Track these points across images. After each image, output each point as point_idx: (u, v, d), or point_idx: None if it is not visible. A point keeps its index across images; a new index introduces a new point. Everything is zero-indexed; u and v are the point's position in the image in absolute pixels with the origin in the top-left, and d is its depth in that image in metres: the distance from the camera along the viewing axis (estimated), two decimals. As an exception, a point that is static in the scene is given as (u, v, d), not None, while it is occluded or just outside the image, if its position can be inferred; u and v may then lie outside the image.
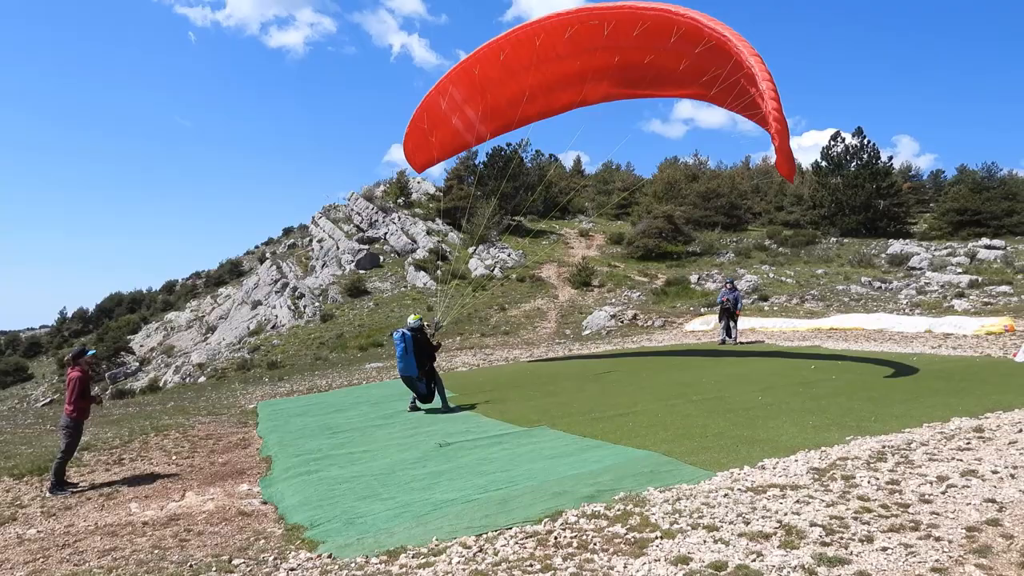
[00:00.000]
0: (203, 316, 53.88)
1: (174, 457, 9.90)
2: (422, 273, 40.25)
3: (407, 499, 6.92)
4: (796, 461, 7.09)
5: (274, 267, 48.85)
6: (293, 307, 37.55)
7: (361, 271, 43.38)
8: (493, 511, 6.28)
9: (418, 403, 12.40)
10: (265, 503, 7.42)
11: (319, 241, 54.01)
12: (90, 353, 8.91)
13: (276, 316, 37.64)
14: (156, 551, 5.91)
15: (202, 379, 28.28)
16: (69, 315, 74.92)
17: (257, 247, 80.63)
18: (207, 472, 8.96)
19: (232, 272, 69.98)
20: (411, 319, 12.56)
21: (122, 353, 45.66)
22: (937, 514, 5.35)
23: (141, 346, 51.51)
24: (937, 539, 4.88)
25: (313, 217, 60.56)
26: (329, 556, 5.48)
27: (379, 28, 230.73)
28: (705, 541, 5.13)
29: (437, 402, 12.41)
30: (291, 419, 12.42)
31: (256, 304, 42.44)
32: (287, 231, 78.91)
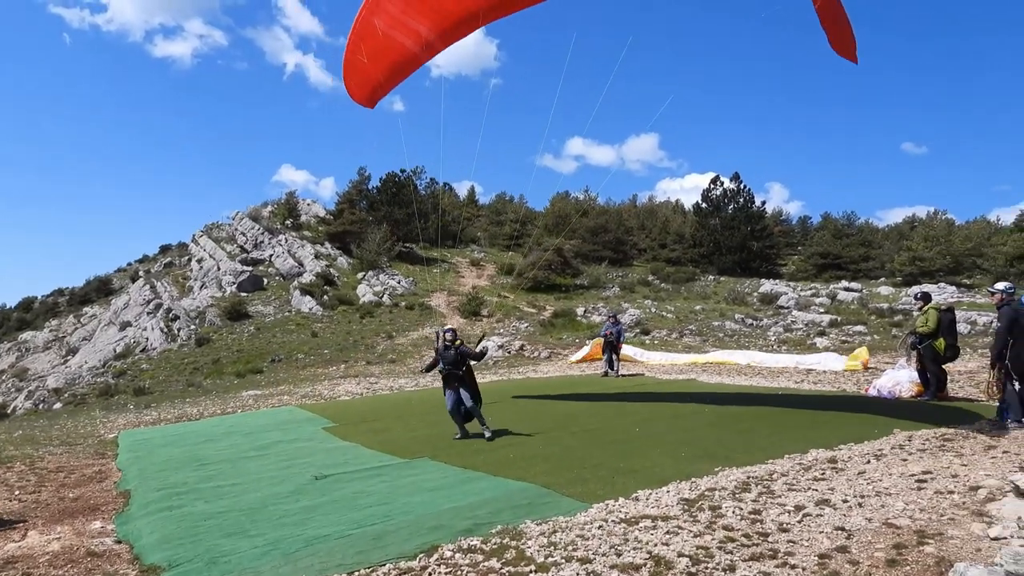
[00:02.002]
0: (64, 337, 50.00)
1: (17, 492, 9.03)
2: (308, 298, 39.13)
3: (277, 536, 6.61)
4: (668, 492, 7.32)
5: (147, 286, 46.13)
6: (166, 330, 35.50)
7: (243, 293, 41.66)
8: (368, 547, 6.10)
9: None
10: (119, 542, 6.88)
11: (199, 261, 51.54)
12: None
13: (147, 339, 35.44)
14: (-14, 598, 5.34)
15: (58, 405, 26.12)
16: (-95, 332, 67.49)
17: (130, 264, 75.95)
18: (55, 509, 8.22)
19: (100, 290, 65.53)
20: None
21: (-34, 376, 41.53)
22: (793, 542, 5.65)
23: (-11, 368, 47.07)
24: (792, 566, 5.15)
25: (194, 235, 57.80)
26: (186, 599, 5.14)
27: (273, 45, 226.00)
28: (579, 574, 5.18)
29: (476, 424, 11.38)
30: (156, 450, 11.64)
31: (125, 325, 39.82)
32: (164, 249, 74.92)
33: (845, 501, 6.70)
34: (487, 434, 10.94)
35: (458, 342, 11.20)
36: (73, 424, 16.05)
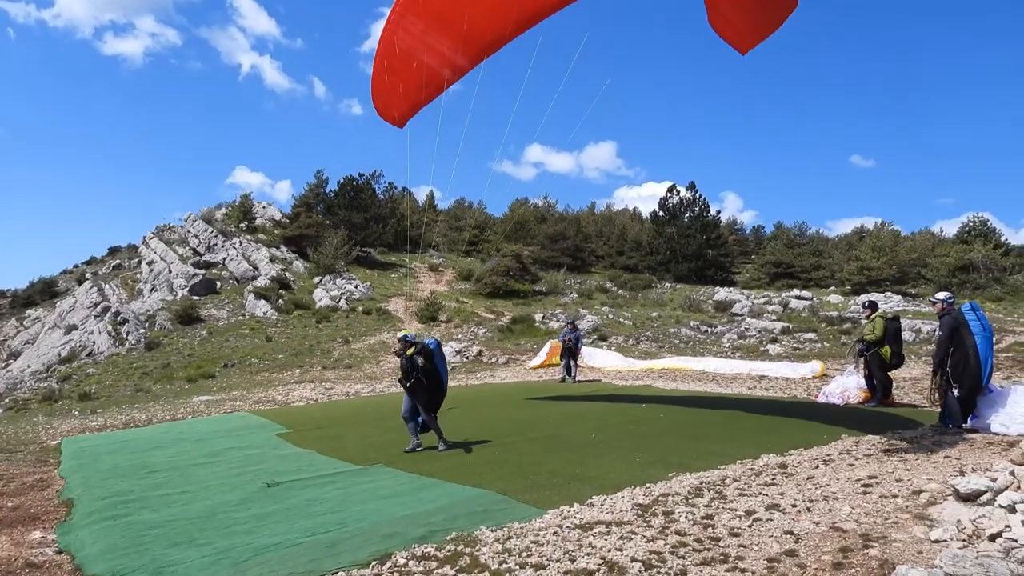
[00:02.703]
0: (5, 340, 48.25)
1: (-48, 502, 8.67)
2: (263, 302, 38.46)
3: (226, 544, 6.47)
4: (622, 497, 7.38)
5: (95, 289, 44.77)
6: (114, 333, 34.51)
7: (195, 297, 40.73)
8: (320, 555, 6.02)
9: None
10: (61, 552, 6.66)
11: (149, 263, 50.26)
12: None
13: (93, 343, 34.39)
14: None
15: (-2, 411, 25.15)
16: None
17: (76, 266, 73.54)
18: (-8, 518, 7.91)
19: (44, 292, 63.26)
20: (416, 335, 11.08)
21: (-101, 380, 39.77)
22: (744, 546, 5.75)
23: (-76, 372, 45.15)
24: (742, 571, 5.24)
25: (144, 237, 56.35)
26: (130, 611, 4.99)
27: (228, 45, 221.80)
28: (532, 580, 5.19)
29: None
30: (101, 457, 11.29)
31: (71, 329, 38.57)
32: (113, 251, 72.72)
33: (794, 506, 6.84)
34: (440, 447, 10.59)
35: (410, 350, 10.58)
36: (14, 430, 15.48)
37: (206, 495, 8.50)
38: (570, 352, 20.49)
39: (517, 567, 5.44)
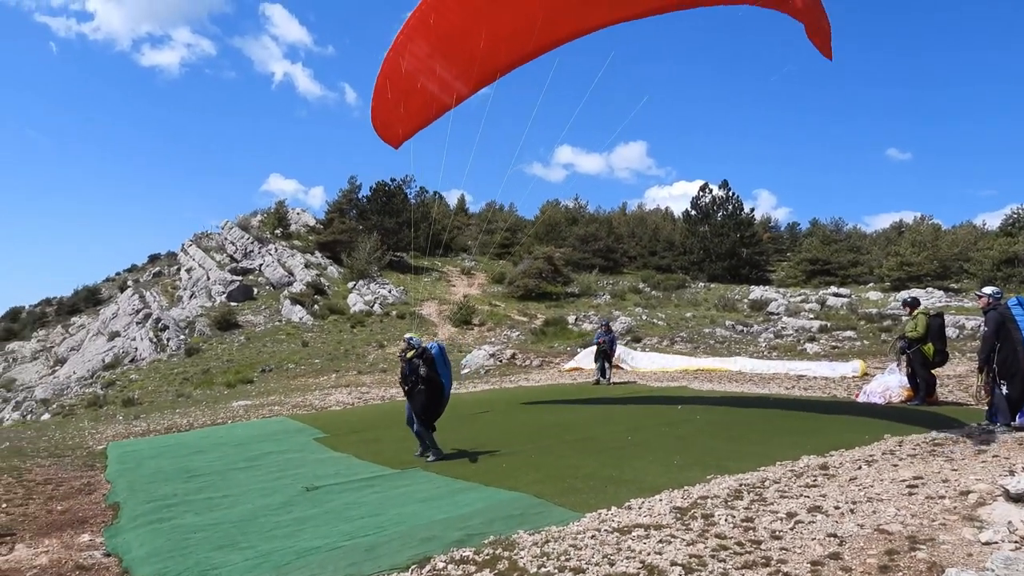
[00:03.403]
0: (52, 347, 49.66)
1: (4, 505, 8.91)
2: (298, 307, 38.98)
3: (268, 548, 6.56)
4: (660, 500, 7.32)
5: (136, 296, 45.82)
6: (155, 340, 35.27)
7: (233, 303, 41.48)
8: (359, 559, 6.07)
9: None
10: (108, 555, 6.81)
11: (188, 270, 51.32)
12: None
13: (136, 349, 35.21)
14: (-28, 615, 5.27)
15: (46, 416, 25.87)
16: None
17: (118, 274, 75.51)
18: (43, 521, 8.13)
19: (88, 300, 65.10)
20: (420, 339, 10.72)
21: (-48, 388, 41.13)
22: (786, 549, 5.65)
23: (-25, 380, 46.62)
24: (785, 574, 5.15)
25: (183, 245, 57.59)
26: (176, 614, 5.09)
27: (261, 54, 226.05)
28: (571, 584, 5.17)
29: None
30: (145, 461, 11.53)
31: (114, 335, 39.55)
32: (153, 258, 74.52)
33: (837, 507, 6.71)
34: (429, 457, 10.32)
35: (410, 353, 10.29)
36: (61, 435, 15.89)
37: (247, 499, 8.63)
38: (604, 354, 20.38)
39: (556, 571, 5.42)
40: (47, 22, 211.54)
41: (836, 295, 40.39)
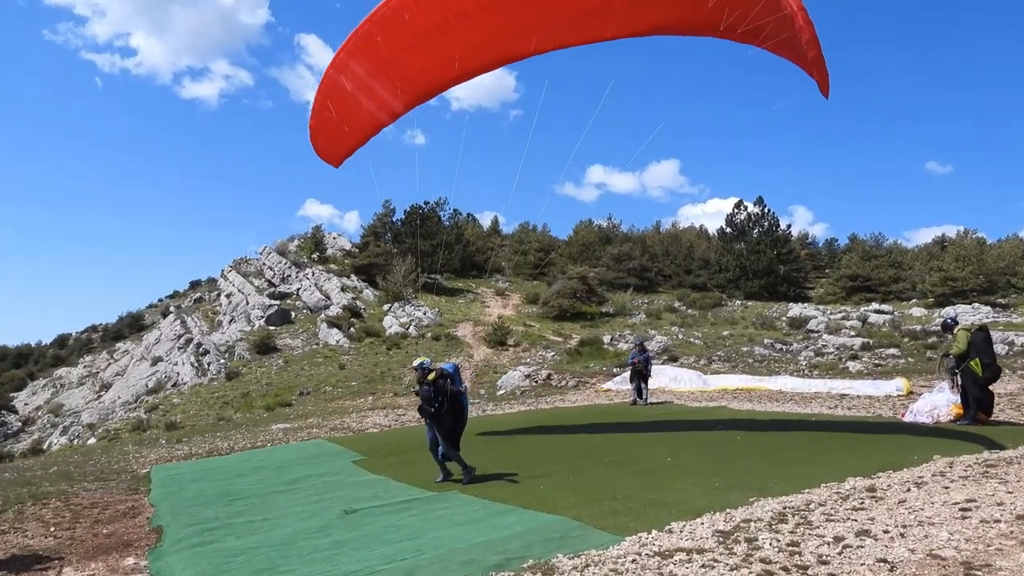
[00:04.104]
0: (97, 373, 50.88)
1: (52, 529, 9.11)
2: (335, 330, 39.40)
3: (308, 571, 6.58)
4: (702, 524, 7.18)
5: (178, 321, 46.80)
6: (196, 364, 35.91)
7: (271, 327, 42.10)
8: (398, 583, 6.05)
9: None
10: (152, 579, 6.91)
11: (228, 295, 52.29)
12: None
13: (177, 373, 35.88)
14: (22, 638, 5.37)
15: (92, 441, 26.46)
16: (-55, 370, 69.12)
17: (161, 300, 77.35)
18: (89, 545, 8.28)
19: (132, 326, 66.71)
20: (434, 362, 10.58)
21: (3, 412, 42.38)
22: (834, 575, 5.49)
23: (26, 404, 48.04)
24: (834, 601, 5.00)
25: (223, 270, 58.76)
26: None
27: (297, 83, 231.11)
28: (612, 609, 5.08)
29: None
30: (187, 485, 11.69)
31: (156, 360, 40.40)
32: (194, 284, 76.17)
33: (886, 531, 6.51)
34: (465, 480, 10.22)
35: (431, 375, 10.11)
36: (107, 459, 16.21)
37: (286, 522, 8.68)
38: (640, 374, 20.18)
39: (597, 596, 5.34)
40: (93, 58, 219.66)
41: (878, 312, 39.56)
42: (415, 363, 10.45)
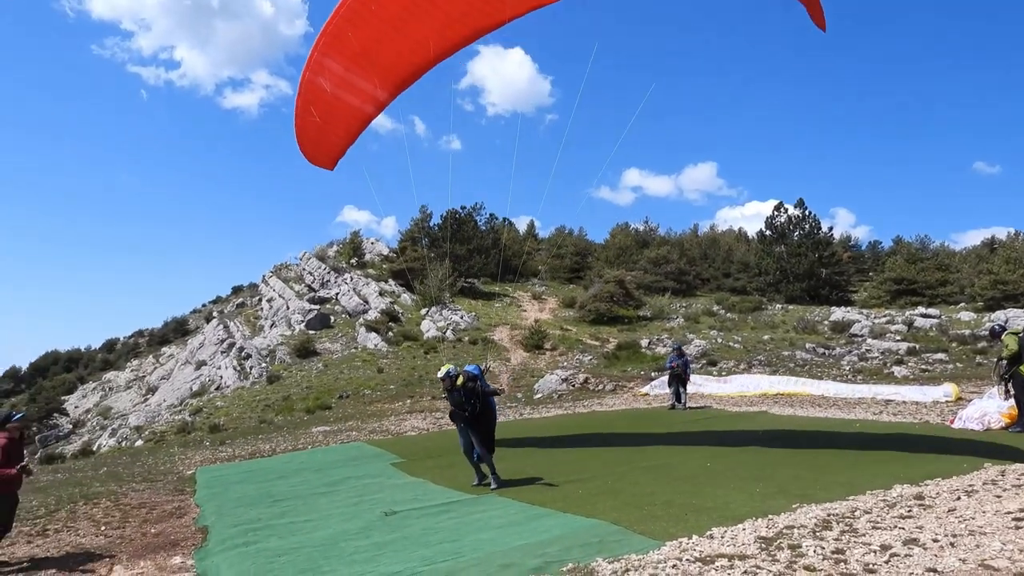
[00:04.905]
0: (144, 376, 52.16)
1: (103, 528, 9.39)
2: (373, 334, 39.80)
3: (349, 572, 6.66)
4: (744, 530, 7.09)
5: (221, 326, 47.74)
6: (239, 368, 36.58)
7: (311, 331, 42.69)
8: (438, 585, 6.09)
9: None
10: (198, 577, 7.06)
11: (269, 300, 53.19)
12: (16, 417, 8.23)
13: (221, 377, 36.59)
14: (76, 632, 5.54)
15: (139, 443, 27.12)
16: (-1, 374, 71.72)
17: (204, 305, 78.97)
18: (138, 544, 8.51)
19: (177, 331, 68.20)
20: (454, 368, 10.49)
21: (55, 415, 43.68)
22: (881, 584, 5.38)
23: (76, 407, 49.44)
24: (881, 610, 4.90)
25: (264, 276, 59.79)
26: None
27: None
28: (653, 615, 5.04)
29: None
30: (231, 486, 11.94)
31: (200, 364, 41.26)
32: (236, 290, 77.59)
33: (936, 540, 6.35)
34: (492, 484, 10.23)
35: (460, 380, 10.16)
36: (154, 461, 16.62)
37: (328, 524, 8.81)
38: (678, 378, 19.98)
39: (637, 601, 5.30)
40: (139, 71, 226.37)
41: (924, 316, 38.52)
42: (440, 374, 10.39)
